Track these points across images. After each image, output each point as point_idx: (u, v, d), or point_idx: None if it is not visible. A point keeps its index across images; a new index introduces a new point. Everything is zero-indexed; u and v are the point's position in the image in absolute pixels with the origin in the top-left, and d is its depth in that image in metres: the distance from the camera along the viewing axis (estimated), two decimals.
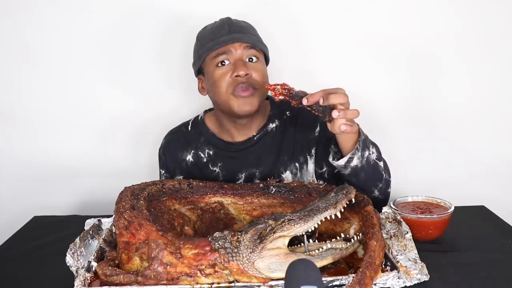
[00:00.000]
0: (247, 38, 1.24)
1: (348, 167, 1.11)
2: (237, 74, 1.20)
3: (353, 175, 1.13)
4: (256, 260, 0.87)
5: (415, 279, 0.87)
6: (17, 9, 1.57)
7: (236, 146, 1.34)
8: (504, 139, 1.69)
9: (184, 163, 1.37)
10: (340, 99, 1.00)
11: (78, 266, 0.94)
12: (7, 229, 1.27)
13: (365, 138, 1.12)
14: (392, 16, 1.60)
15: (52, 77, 1.62)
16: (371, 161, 1.13)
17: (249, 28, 1.28)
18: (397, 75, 1.64)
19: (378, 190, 1.17)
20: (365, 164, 1.11)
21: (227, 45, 1.22)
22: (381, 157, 1.16)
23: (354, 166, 1.11)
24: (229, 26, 1.24)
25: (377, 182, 1.16)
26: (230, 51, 1.22)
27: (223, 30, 1.24)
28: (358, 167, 1.11)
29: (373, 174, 1.14)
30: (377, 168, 1.15)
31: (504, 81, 1.66)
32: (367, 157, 1.11)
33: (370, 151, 1.13)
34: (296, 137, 1.33)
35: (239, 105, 1.22)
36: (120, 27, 1.60)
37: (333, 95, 1.00)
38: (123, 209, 0.99)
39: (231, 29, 1.24)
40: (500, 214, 1.26)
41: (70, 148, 1.66)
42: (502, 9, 1.60)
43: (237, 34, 1.23)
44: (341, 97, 1.00)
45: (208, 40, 1.25)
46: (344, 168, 1.12)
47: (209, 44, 1.24)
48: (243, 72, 1.20)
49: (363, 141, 1.10)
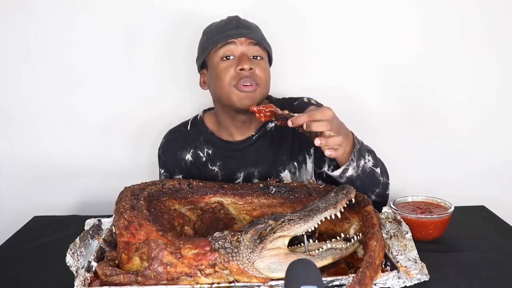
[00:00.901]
0: (253, 35, 1.26)
1: (344, 177, 1.11)
2: (242, 68, 1.21)
3: (349, 184, 1.12)
4: (256, 260, 0.87)
5: (415, 279, 0.87)
6: (17, 9, 1.57)
7: (235, 145, 1.34)
8: (504, 139, 1.69)
9: (183, 162, 1.38)
10: (322, 127, 0.98)
11: (78, 266, 0.94)
12: (7, 229, 1.27)
13: (360, 147, 1.11)
14: (393, 16, 1.60)
15: (52, 77, 1.62)
16: (367, 169, 1.12)
17: (256, 28, 1.31)
18: (397, 75, 1.64)
19: (375, 195, 1.17)
20: (360, 173, 1.11)
21: (233, 39, 1.24)
22: (377, 164, 1.16)
23: (349, 176, 1.11)
24: (236, 23, 1.27)
25: (374, 188, 1.16)
26: (236, 46, 1.24)
27: (230, 25, 1.26)
28: (353, 176, 1.11)
29: (369, 182, 1.14)
30: (374, 175, 1.15)
31: (504, 81, 1.65)
32: (363, 166, 1.11)
33: (366, 159, 1.12)
34: (295, 136, 1.33)
35: (240, 98, 1.22)
36: (119, 27, 1.60)
37: (315, 124, 0.98)
38: (123, 209, 0.99)
39: (238, 25, 1.26)
40: (500, 214, 1.26)
41: (70, 148, 1.66)
42: (502, 9, 1.60)
43: (243, 30, 1.25)
44: (323, 125, 0.98)
45: (215, 34, 1.27)
46: (340, 178, 1.12)
47: (216, 37, 1.26)
48: (247, 66, 1.21)
49: (358, 151, 1.09)
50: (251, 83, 1.22)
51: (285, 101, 1.39)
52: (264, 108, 1.05)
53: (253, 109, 1.07)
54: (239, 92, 1.22)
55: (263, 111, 1.05)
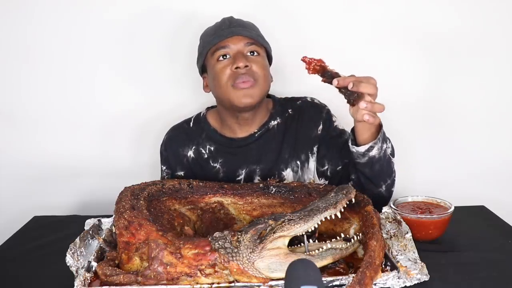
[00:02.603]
0: (247, 33, 1.26)
1: (366, 156, 1.11)
2: (237, 66, 1.21)
3: (369, 165, 1.13)
4: (256, 260, 0.87)
5: (415, 279, 0.87)
6: (17, 9, 1.57)
7: (237, 142, 1.34)
8: (504, 139, 1.69)
9: (185, 159, 1.38)
10: (369, 89, 1.01)
11: (78, 266, 0.94)
12: (7, 229, 1.27)
13: (384, 131, 1.12)
14: (393, 17, 1.60)
15: (52, 77, 1.62)
16: (387, 155, 1.14)
17: (250, 25, 1.31)
18: (397, 76, 1.64)
19: (385, 186, 1.17)
20: (382, 156, 1.12)
21: (227, 39, 1.24)
22: (394, 154, 1.18)
23: (372, 156, 1.11)
24: (229, 22, 1.27)
25: (387, 178, 1.17)
26: (230, 45, 1.24)
27: (224, 26, 1.27)
28: (375, 157, 1.11)
29: (387, 168, 1.16)
30: (390, 163, 1.16)
31: (504, 81, 1.65)
32: (385, 150, 1.12)
33: (388, 145, 1.14)
34: (298, 135, 1.34)
35: (239, 97, 1.23)
36: (120, 27, 1.59)
37: (363, 84, 1.00)
38: (123, 209, 0.99)
39: (231, 24, 1.27)
40: (500, 214, 1.26)
41: (70, 148, 1.66)
42: (502, 9, 1.60)
43: (236, 28, 1.26)
44: (370, 88, 1.01)
45: (209, 36, 1.28)
46: (362, 156, 1.12)
47: (210, 39, 1.27)
48: (242, 64, 1.21)
49: (383, 133, 1.11)
50: (247, 79, 1.22)
51: (288, 100, 1.40)
52: (316, 61, 1.03)
53: (305, 59, 1.04)
54: (237, 90, 1.22)
55: (314, 63, 1.03)
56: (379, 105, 1.03)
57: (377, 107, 1.03)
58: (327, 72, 1.03)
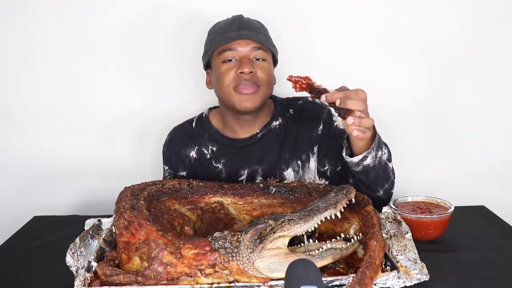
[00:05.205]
0: (255, 37, 1.24)
1: (361, 165, 1.11)
2: (242, 71, 1.21)
3: (363, 174, 1.13)
4: (256, 260, 0.87)
5: (415, 279, 0.87)
6: (17, 9, 1.57)
7: (239, 143, 1.34)
8: (504, 139, 1.69)
9: (188, 159, 1.38)
10: (357, 105, 0.98)
11: (78, 266, 0.94)
12: (7, 229, 1.27)
13: (379, 137, 1.11)
14: (397, 17, 1.61)
15: (52, 77, 1.62)
16: (382, 162, 1.13)
17: (260, 28, 1.29)
18: (397, 76, 1.64)
19: (383, 190, 1.17)
20: (377, 164, 1.11)
21: (234, 41, 1.23)
22: (391, 158, 1.16)
23: (366, 165, 1.10)
24: (239, 23, 1.26)
25: (384, 183, 1.17)
26: (237, 48, 1.23)
27: (233, 27, 1.25)
28: (370, 166, 1.11)
29: (382, 175, 1.15)
30: (387, 169, 1.15)
31: (504, 81, 1.66)
32: (380, 157, 1.11)
33: (383, 151, 1.12)
34: (298, 135, 1.34)
35: (240, 101, 1.23)
36: (120, 27, 1.60)
37: (350, 101, 0.97)
38: (123, 209, 0.99)
39: (241, 26, 1.25)
40: (500, 214, 1.26)
41: (70, 148, 1.66)
42: (502, 9, 1.60)
43: (246, 31, 1.24)
44: (358, 104, 0.98)
45: (218, 35, 1.26)
46: (356, 166, 1.12)
47: (218, 38, 1.25)
48: (247, 70, 1.21)
49: (377, 141, 1.09)
50: (251, 86, 1.22)
51: (289, 100, 1.40)
52: (302, 80, 1.02)
53: (290, 78, 1.02)
54: (239, 94, 1.22)
55: (300, 82, 1.02)
56: (367, 119, 1.00)
57: (365, 122, 0.99)
58: (315, 89, 1.02)
